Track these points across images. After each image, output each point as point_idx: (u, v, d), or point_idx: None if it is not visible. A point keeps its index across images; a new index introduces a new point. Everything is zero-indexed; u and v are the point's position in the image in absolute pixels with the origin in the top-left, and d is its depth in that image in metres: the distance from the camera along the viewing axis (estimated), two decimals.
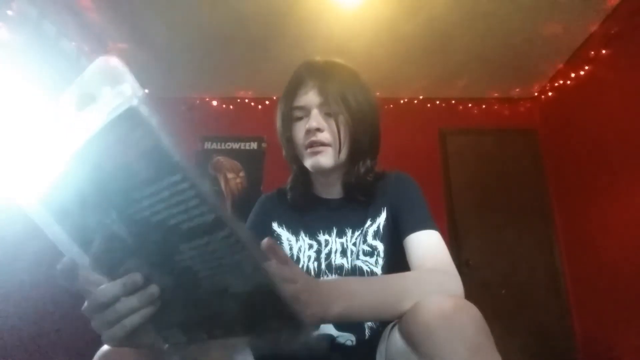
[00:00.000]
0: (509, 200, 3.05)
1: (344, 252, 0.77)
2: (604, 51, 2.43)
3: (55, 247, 0.39)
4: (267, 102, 3.15)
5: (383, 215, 0.78)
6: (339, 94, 0.73)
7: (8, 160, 0.37)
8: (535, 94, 3.23)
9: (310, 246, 0.79)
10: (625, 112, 2.22)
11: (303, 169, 0.80)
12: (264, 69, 2.82)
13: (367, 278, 0.56)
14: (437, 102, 3.27)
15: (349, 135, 0.75)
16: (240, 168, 3.13)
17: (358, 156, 0.78)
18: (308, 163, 0.76)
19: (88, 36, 2.32)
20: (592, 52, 2.52)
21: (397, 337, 0.55)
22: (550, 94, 3.05)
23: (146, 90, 2.85)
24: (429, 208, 0.75)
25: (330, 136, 0.74)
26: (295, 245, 0.80)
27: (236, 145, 3.18)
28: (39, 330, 1.67)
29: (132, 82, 0.30)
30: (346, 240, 0.78)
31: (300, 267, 0.76)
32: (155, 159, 0.30)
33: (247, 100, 3.22)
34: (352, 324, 0.72)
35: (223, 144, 3.19)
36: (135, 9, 2.24)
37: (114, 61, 0.30)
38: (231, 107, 3.27)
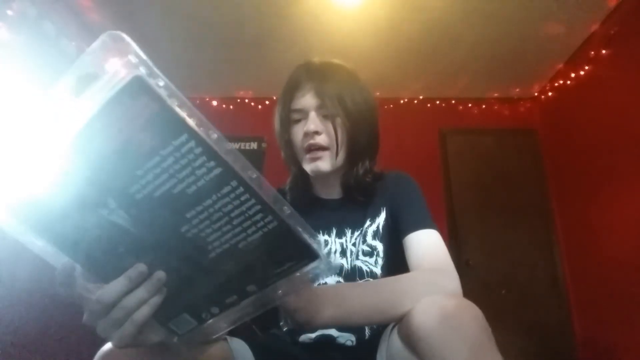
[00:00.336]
0: (509, 200, 3.05)
1: (343, 253, 0.76)
2: (604, 51, 2.43)
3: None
4: (267, 102, 3.15)
5: (382, 215, 0.78)
6: (336, 96, 0.73)
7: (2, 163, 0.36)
8: (535, 94, 3.23)
9: None
10: (626, 111, 2.22)
11: (302, 170, 0.80)
12: (264, 69, 2.82)
13: (360, 283, 0.55)
14: (437, 102, 3.27)
15: (347, 137, 0.75)
16: None
17: (357, 157, 0.77)
18: (307, 168, 0.76)
19: (88, 36, 2.32)
20: (592, 52, 2.52)
21: (397, 338, 0.55)
22: (550, 94, 3.05)
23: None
24: (428, 207, 0.75)
25: (328, 139, 0.74)
26: None
27: (236, 145, 3.18)
28: (42, 333, 1.67)
29: (135, 51, 0.30)
30: (346, 241, 0.77)
31: None
32: (160, 124, 0.30)
33: (247, 100, 3.22)
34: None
35: None
36: (135, 9, 2.24)
37: (116, 34, 0.30)
38: (231, 107, 3.27)
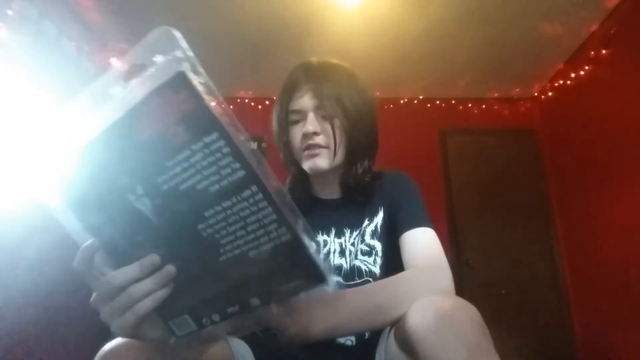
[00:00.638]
0: (509, 200, 3.06)
1: (342, 252, 0.77)
2: (604, 51, 2.43)
3: (55, 249, 0.39)
4: (267, 102, 3.15)
5: (380, 214, 0.78)
6: (334, 97, 0.73)
7: (18, 153, 0.38)
8: (535, 94, 3.23)
9: None
10: (626, 112, 2.22)
11: (301, 171, 0.80)
12: (264, 69, 2.82)
13: (350, 291, 0.55)
14: (437, 102, 3.27)
15: (345, 137, 0.75)
16: None
17: (355, 157, 0.77)
18: (306, 165, 0.76)
19: (88, 36, 2.32)
20: (592, 52, 2.52)
21: (394, 341, 0.55)
22: (550, 94, 3.05)
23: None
24: (425, 206, 0.75)
25: (326, 139, 0.74)
26: None
27: None
28: (40, 331, 1.67)
29: (183, 47, 0.31)
30: (345, 241, 0.78)
31: None
32: (195, 120, 0.32)
33: (247, 100, 3.22)
34: None
35: None
36: (135, 9, 2.24)
37: (168, 30, 0.32)
38: (231, 107, 3.22)
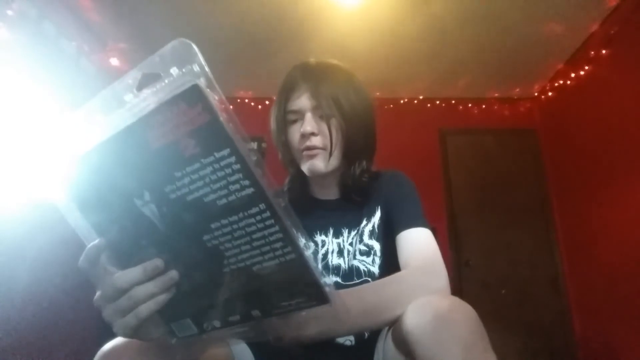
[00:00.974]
0: (509, 200, 3.06)
1: (340, 253, 0.77)
2: (604, 51, 2.43)
3: (55, 249, 0.40)
4: (267, 102, 3.15)
5: (377, 214, 0.78)
6: (332, 97, 0.73)
7: (19, 153, 0.38)
8: (535, 94, 3.23)
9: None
10: (625, 112, 2.22)
11: (300, 172, 0.80)
12: (264, 69, 2.82)
13: (345, 291, 0.56)
14: (437, 102, 3.27)
15: (342, 138, 0.75)
16: None
17: (353, 157, 0.77)
18: (304, 167, 0.76)
19: (88, 36, 2.32)
20: (592, 52, 2.52)
21: (391, 341, 0.55)
22: (550, 94, 3.05)
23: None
24: (421, 205, 0.75)
25: (324, 140, 0.74)
26: None
27: None
28: (40, 331, 1.67)
29: (200, 62, 0.32)
30: (343, 241, 0.78)
31: None
32: (207, 134, 0.32)
33: (247, 100, 3.22)
34: None
35: None
36: (135, 9, 2.24)
37: (187, 43, 0.32)
38: (231, 107, 3.25)
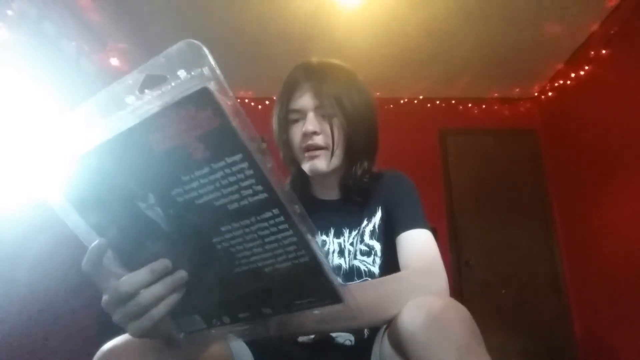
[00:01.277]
0: (509, 200, 3.06)
1: (341, 253, 0.77)
2: (604, 51, 2.43)
3: (55, 249, 0.39)
4: (267, 102, 3.15)
5: (378, 214, 0.79)
6: (334, 96, 0.73)
7: (21, 154, 0.37)
8: (535, 94, 3.23)
9: None
10: (625, 112, 2.22)
11: (301, 171, 0.80)
12: (264, 69, 2.82)
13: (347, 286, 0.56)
14: (437, 102, 3.27)
15: (344, 138, 0.75)
16: None
17: (355, 158, 0.77)
18: (305, 167, 0.76)
19: (88, 36, 2.32)
20: (592, 52, 2.52)
21: (387, 341, 0.55)
22: (550, 94, 3.05)
23: (146, 90, 2.85)
24: (421, 206, 0.75)
25: (326, 139, 0.74)
26: None
27: None
28: (40, 331, 1.67)
29: (211, 65, 0.31)
30: (343, 241, 0.78)
31: None
32: (218, 139, 0.31)
33: (247, 100, 3.22)
34: None
35: None
36: (135, 9, 2.23)
37: (195, 45, 0.31)
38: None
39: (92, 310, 1.91)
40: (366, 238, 0.77)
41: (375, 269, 0.75)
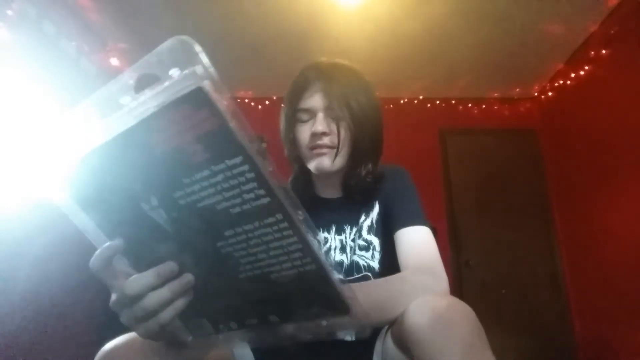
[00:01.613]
0: (509, 200, 3.05)
1: (343, 249, 0.78)
2: (604, 51, 2.43)
3: (55, 249, 0.39)
4: (267, 102, 3.15)
5: (376, 209, 0.79)
6: (343, 98, 0.73)
7: (24, 151, 0.36)
8: (535, 94, 3.23)
9: None
10: (625, 112, 2.22)
11: (304, 170, 0.81)
12: (264, 69, 2.82)
13: (353, 286, 0.56)
14: (437, 102, 3.27)
15: (350, 139, 0.75)
16: None
17: (359, 159, 0.77)
18: (311, 165, 0.77)
19: (88, 36, 2.32)
20: (592, 52, 2.52)
21: (391, 340, 0.55)
22: (550, 94, 3.05)
23: (146, 90, 2.85)
24: (420, 202, 0.75)
25: (336, 140, 0.74)
26: None
27: None
28: (41, 331, 1.67)
29: (205, 63, 0.29)
30: (345, 237, 0.78)
31: None
32: (217, 141, 0.29)
33: (247, 100, 3.22)
34: None
35: None
36: (135, 9, 2.24)
37: (187, 42, 0.30)
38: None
39: (92, 310, 1.91)
40: (364, 233, 0.78)
41: (375, 264, 0.76)
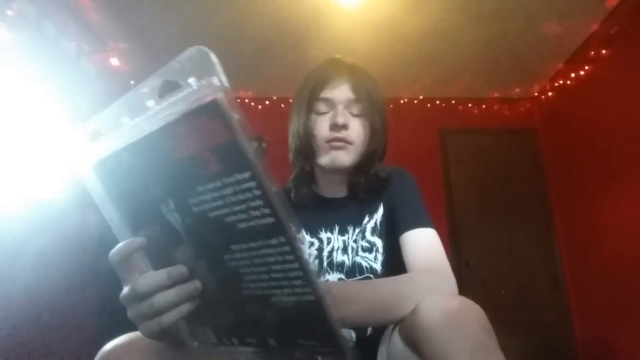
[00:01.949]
0: (509, 200, 3.06)
1: (345, 250, 0.77)
2: (604, 51, 2.43)
3: (55, 249, 0.39)
4: (267, 102, 3.15)
5: (380, 211, 0.79)
6: (371, 95, 0.74)
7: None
8: (535, 94, 3.23)
9: (312, 244, 0.79)
10: (625, 112, 2.22)
11: (308, 167, 0.80)
12: (264, 69, 2.81)
13: (358, 283, 0.56)
14: (437, 102, 3.27)
15: (369, 137, 0.75)
16: None
17: (371, 158, 0.77)
18: (326, 158, 0.75)
19: (88, 36, 2.32)
20: (592, 52, 2.52)
21: (398, 339, 0.55)
22: (550, 94, 3.05)
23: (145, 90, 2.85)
24: (425, 204, 0.75)
25: (353, 135, 0.74)
26: None
27: None
28: (41, 331, 1.67)
29: (221, 75, 0.30)
30: (348, 238, 0.78)
31: None
32: (228, 154, 0.30)
33: (247, 100, 3.22)
34: None
35: None
36: (135, 9, 2.23)
37: (205, 52, 0.31)
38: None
39: (92, 311, 1.91)
40: (367, 234, 0.77)
41: (377, 266, 0.75)
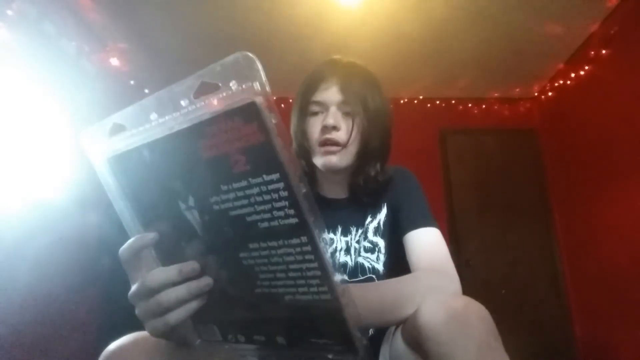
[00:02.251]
0: (509, 200, 3.06)
1: (347, 250, 0.77)
2: (604, 51, 2.43)
3: (55, 249, 0.39)
4: None
5: (383, 211, 0.78)
6: (360, 95, 0.73)
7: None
8: (535, 94, 3.23)
9: None
10: (625, 112, 2.22)
11: (310, 167, 0.80)
12: (264, 68, 2.81)
13: (362, 285, 0.56)
14: (437, 102, 3.27)
15: (361, 137, 0.75)
16: None
17: (368, 159, 0.77)
18: (319, 161, 0.76)
19: (88, 36, 2.32)
20: (592, 52, 2.52)
21: (400, 339, 0.55)
22: (550, 94, 3.05)
23: (146, 90, 2.85)
24: (428, 204, 0.75)
25: (344, 136, 0.73)
26: None
27: None
28: (41, 331, 1.67)
29: (262, 80, 0.32)
30: (350, 239, 0.78)
31: None
32: (260, 155, 0.31)
33: None
34: None
35: None
36: (135, 9, 2.23)
37: (251, 58, 0.32)
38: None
39: (92, 311, 1.91)
40: (370, 235, 0.77)
41: (379, 266, 0.75)
